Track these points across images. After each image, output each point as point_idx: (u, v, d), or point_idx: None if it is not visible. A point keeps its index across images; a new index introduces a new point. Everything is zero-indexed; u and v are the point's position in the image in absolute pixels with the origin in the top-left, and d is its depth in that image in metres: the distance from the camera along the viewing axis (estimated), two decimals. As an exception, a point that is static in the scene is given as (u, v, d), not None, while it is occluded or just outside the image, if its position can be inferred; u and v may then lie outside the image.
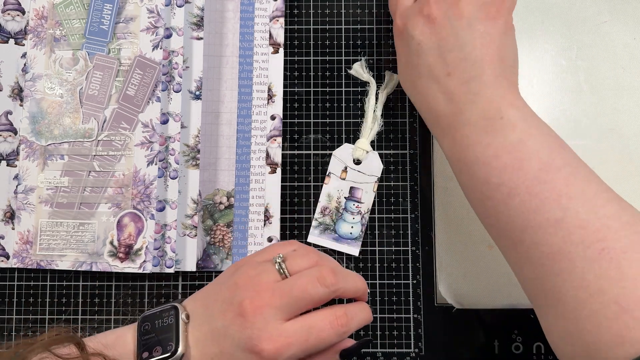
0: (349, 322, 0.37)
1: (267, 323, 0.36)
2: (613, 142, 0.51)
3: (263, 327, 0.36)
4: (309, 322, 0.37)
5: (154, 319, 0.40)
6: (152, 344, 0.38)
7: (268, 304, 0.37)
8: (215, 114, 0.51)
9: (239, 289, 0.38)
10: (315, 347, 0.37)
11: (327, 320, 0.37)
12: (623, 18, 0.52)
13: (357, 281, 0.40)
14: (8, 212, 0.49)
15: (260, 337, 0.36)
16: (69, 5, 0.49)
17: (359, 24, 0.52)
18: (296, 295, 0.37)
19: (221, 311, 0.38)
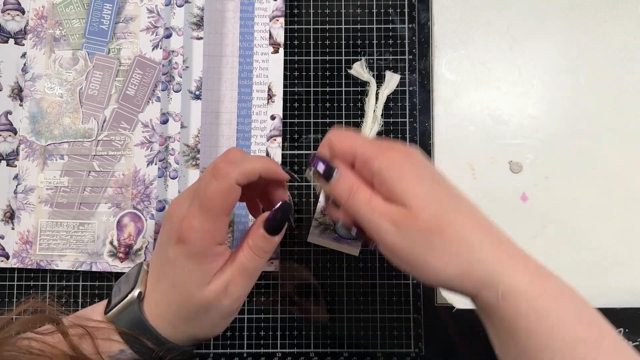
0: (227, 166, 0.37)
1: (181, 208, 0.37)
2: (613, 142, 0.51)
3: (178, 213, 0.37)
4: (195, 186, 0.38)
5: (123, 278, 0.42)
6: (115, 296, 0.40)
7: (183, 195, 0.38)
8: (215, 114, 0.51)
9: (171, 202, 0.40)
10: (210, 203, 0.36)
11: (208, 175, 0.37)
12: (623, 18, 0.52)
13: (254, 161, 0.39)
14: (8, 212, 0.49)
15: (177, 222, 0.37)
16: (69, 5, 0.49)
17: (359, 24, 0.52)
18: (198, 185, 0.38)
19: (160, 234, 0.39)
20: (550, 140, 0.51)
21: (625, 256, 0.50)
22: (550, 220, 0.50)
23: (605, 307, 0.49)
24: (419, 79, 0.52)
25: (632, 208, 0.51)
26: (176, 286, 0.38)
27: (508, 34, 0.52)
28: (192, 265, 0.37)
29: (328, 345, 0.50)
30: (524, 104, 0.51)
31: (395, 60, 0.52)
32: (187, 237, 0.36)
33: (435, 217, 0.34)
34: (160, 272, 0.39)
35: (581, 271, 0.50)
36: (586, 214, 0.50)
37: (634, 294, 0.50)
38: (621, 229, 0.50)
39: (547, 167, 0.51)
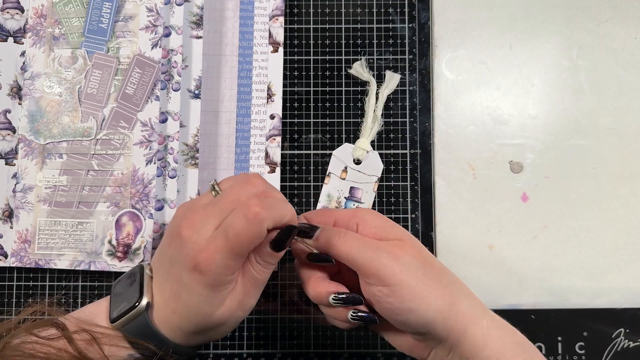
0: (262, 211, 0.37)
1: (199, 236, 0.37)
2: (613, 142, 0.51)
3: (196, 241, 0.37)
4: (226, 222, 0.37)
5: (123, 281, 0.41)
6: (120, 301, 0.39)
7: (200, 219, 0.38)
8: (215, 113, 0.51)
9: (177, 217, 0.39)
10: (238, 244, 0.36)
11: (240, 214, 0.37)
12: (624, 18, 0.52)
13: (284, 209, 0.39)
14: (6, 211, 0.49)
15: (195, 249, 0.36)
16: (68, 3, 0.49)
17: (359, 24, 0.52)
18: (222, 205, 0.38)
19: (168, 245, 0.39)
20: (551, 140, 0.51)
21: (625, 256, 0.50)
22: (551, 220, 0.50)
23: (605, 307, 0.49)
24: (419, 78, 0.52)
25: (632, 208, 0.50)
26: (191, 309, 0.38)
27: (508, 34, 0.52)
28: (209, 292, 0.37)
29: (328, 346, 0.50)
30: (524, 103, 0.51)
31: (396, 60, 0.52)
32: (207, 269, 0.36)
33: (424, 251, 0.38)
34: (172, 291, 0.39)
35: (581, 271, 0.50)
36: (586, 214, 0.50)
37: (634, 294, 0.50)
38: (621, 229, 0.50)
39: (548, 167, 0.51)
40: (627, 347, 0.49)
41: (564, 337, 0.49)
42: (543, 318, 0.49)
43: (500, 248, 0.50)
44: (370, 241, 0.38)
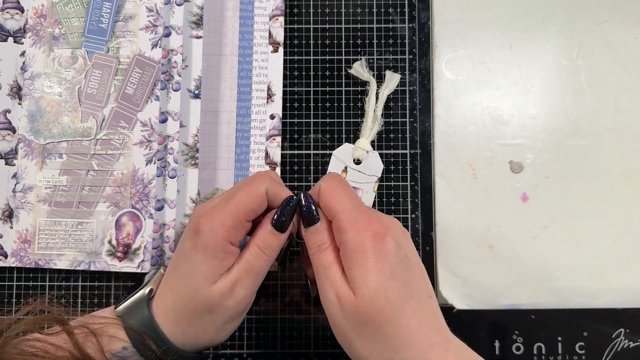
0: (263, 175, 0.39)
1: (205, 206, 0.39)
2: (613, 142, 0.51)
3: (201, 209, 0.39)
4: (227, 192, 0.39)
5: None
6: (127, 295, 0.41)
7: (211, 200, 0.40)
8: (215, 113, 0.51)
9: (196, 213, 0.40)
10: (237, 203, 0.37)
11: (245, 180, 0.39)
12: (624, 18, 0.52)
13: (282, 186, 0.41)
14: (6, 211, 0.49)
15: (198, 215, 0.38)
16: (68, 3, 0.49)
17: (359, 24, 0.52)
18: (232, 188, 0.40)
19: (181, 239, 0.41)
20: (551, 140, 0.51)
21: (625, 256, 0.50)
22: (551, 220, 0.50)
23: (605, 307, 0.49)
24: (419, 78, 0.52)
25: (632, 208, 0.50)
26: (184, 280, 0.38)
27: (508, 34, 0.52)
28: (202, 258, 0.37)
29: (328, 346, 0.50)
30: (524, 103, 0.51)
31: (396, 60, 0.52)
32: (204, 228, 0.37)
33: (375, 312, 0.35)
34: (173, 266, 0.40)
35: (581, 271, 0.50)
36: (586, 214, 0.50)
37: (634, 294, 0.50)
38: (621, 228, 0.50)
39: (548, 167, 0.51)
40: (627, 347, 0.49)
41: (564, 337, 0.49)
42: (543, 318, 0.49)
43: (500, 248, 0.50)
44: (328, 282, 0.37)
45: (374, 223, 0.36)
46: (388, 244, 0.36)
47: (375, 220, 0.36)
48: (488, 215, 0.50)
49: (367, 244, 0.36)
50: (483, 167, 0.51)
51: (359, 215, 0.37)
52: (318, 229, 0.38)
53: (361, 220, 0.36)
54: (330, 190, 0.38)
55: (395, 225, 0.38)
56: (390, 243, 0.36)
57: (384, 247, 0.36)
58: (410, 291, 0.36)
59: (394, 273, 0.35)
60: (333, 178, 0.39)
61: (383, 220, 0.37)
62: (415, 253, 0.38)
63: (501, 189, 0.51)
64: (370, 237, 0.36)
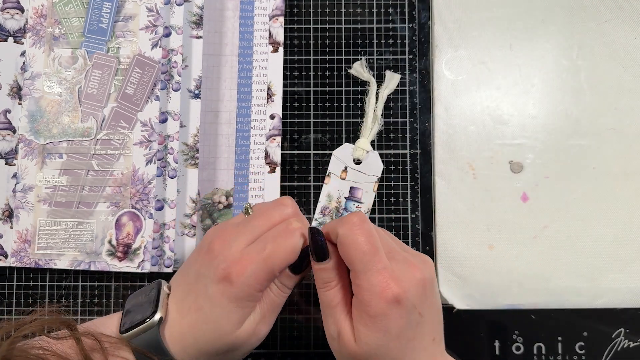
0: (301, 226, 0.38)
1: (231, 250, 0.38)
2: (613, 142, 0.51)
3: (228, 254, 0.37)
4: (264, 237, 0.38)
5: (138, 296, 0.41)
6: (133, 314, 0.39)
7: (231, 235, 0.39)
8: (215, 113, 0.51)
9: (209, 236, 0.40)
10: (273, 257, 0.37)
11: (282, 231, 0.38)
12: (624, 18, 0.52)
13: None
14: (6, 211, 0.49)
15: (227, 261, 0.37)
16: (68, 3, 0.49)
17: (359, 24, 0.52)
18: (254, 223, 0.39)
19: (195, 261, 0.40)
20: (551, 140, 0.51)
21: (625, 256, 0.50)
22: (551, 220, 0.50)
23: (605, 307, 0.49)
24: (419, 78, 0.52)
25: (632, 208, 0.50)
26: (209, 323, 0.38)
27: (508, 34, 0.52)
28: (233, 307, 0.37)
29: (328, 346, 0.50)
30: (524, 103, 0.51)
31: (395, 60, 0.52)
32: (237, 280, 0.36)
33: None
34: (193, 303, 0.39)
35: (581, 271, 0.50)
36: (586, 214, 0.50)
37: (634, 294, 0.50)
38: (621, 229, 0.50)
39: (548, 167, 0.51)
40: (627, 347, 0.49)
41: (564, 337, 0.49)
42: (543, 318, 0.49)
43: (500, 248, 0.50)
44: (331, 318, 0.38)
45: (391, 287, 0.35)
46: (402, 310, 0.35)
47: (392, 284, 0.35)
48: (488, 215, 0.50)
49: (380, 310, 0.35)
50: (483, 167, 0.51)
51: (376, 277, 0.35)
52: (326, 267, 0.38)
53: (378, 284, 0.35)
54: (348, 243, 0.36)
55: (415, 282, 0.36)
56: (404, 309, 0.35)
57: (397, 313, 0.35)
58: (412, 346, 0.36)
59: (400, 335, 0.35)
60: (354, 226, 0.36)
61: (402, 281, 0.35)
62: (432, 305, 0.37)
63: (501, 189, 0.51)
64: (384, 303, 0.35)
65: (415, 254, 0.39)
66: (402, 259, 0.37)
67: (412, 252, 0.39)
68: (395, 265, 0.36)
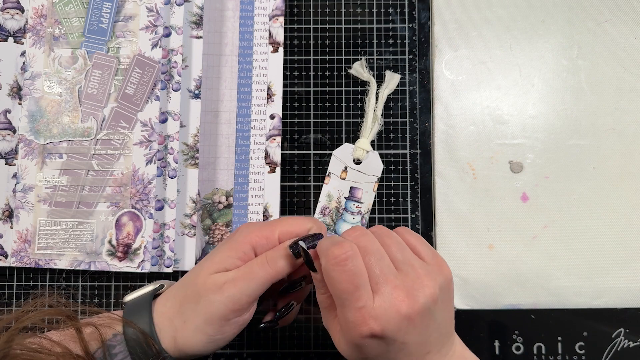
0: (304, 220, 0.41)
1: None
2: (613, 142, 0.51)
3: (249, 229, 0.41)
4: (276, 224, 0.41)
5: None
6: None
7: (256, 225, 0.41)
8: (215, 113, 0.51)
9: None
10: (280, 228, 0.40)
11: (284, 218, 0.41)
12: (624, 18, 0.52)
13: None
14: (7, 211, 0.49)
15: None
16: (68, 3, 0.49)
17: (359, 24, 0.52)
18: None
19: None
20: (551, 140, 0.51)
21: (625, 256, 0.50)
22: (551, 220, 0.50)
23: (605, 307, 0.49)
24: (419, 78, 0.52)
25: (632, 208, 0.50)
26: (196, 267, 0.40)
27: (508, 34, 0.52)
28: (220, 246, 0.40)
29: (328, 346, 0.50)
30: (524, 103, 0.51)
31: (396, 60, 0.52)
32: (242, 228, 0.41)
33: None
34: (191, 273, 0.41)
35: (581, 271, 0.50)
36: (586, 214, 0.50)
37: (634, 294, 0.50)
38: (621, 228, 0.50)
39: (548, 167, 0.51)
40: (627, 347, 0.49)
41: (564, 337, 0.49)
42: (543, 318, 0.49)
43: (500, 248, 0.50)
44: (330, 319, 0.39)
45: (368, 324, 0.35)
46: (378, 343, 0.35)
47: (371, 322, 0.35)
48: (488, 215, 0.50)
49: (356, 341, 0.35)
50: (483, 167, 0.51)
51: (353, 314, 0.35)
52: (316, 277, 0.38)
53: (354, 322, 0.35)
54: (327, 276, 0.36)
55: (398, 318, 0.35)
56: (381, 342, 0.35)
57: (373, 344, 0.35)
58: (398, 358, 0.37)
59: (379, 356, 0.36)
60: (334, 263, 0.35)
61: (383, 317, 0.35)
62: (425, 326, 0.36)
63: (501, 189, 0.51)
64: (359, 338, 0.35)
65: (426, 265, 0.38)
66: (390, 290, 0.35)
67: (422, 263, 0.38)
68: (377, 301, 0.35)
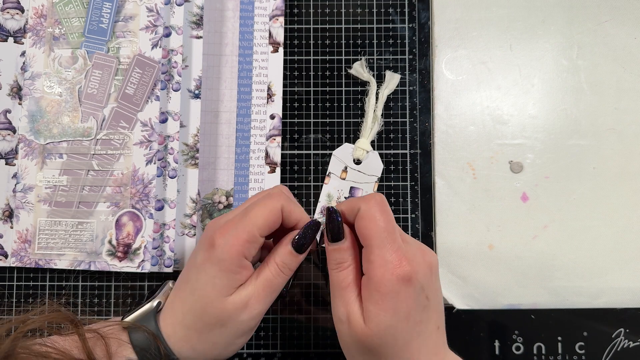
0: (280, 193, 0.39)
1: (220, 222, 0.39)
2: (613, 142, 0.51)
3: (216, 225, 0.39)
4: (247, 205, 0.39)
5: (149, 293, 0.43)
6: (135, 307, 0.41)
7: (225, 215, 0.40)
8: (215, 113, 0.51)
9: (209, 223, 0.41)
10: (253, 219, 0.38)
11: (262, 196, 0.39)
12: (623, 18, 0.52)
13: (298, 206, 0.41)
14: (7, 211, 0.49)
15: (213, 229, 0.38)
16: (69, 3, 0.49)
17: (359, 24, 0.52)
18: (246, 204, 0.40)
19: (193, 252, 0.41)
20: (551, 140, 0.51)
21: (625, 256, 0.50)
22: (551, 220, 0.50)
23: (605, 307, 0.49)
24: (419, 78, 0.52)
25: (632, 208, 0.50)
26: (196, 292, 0.38)
27: (508, 34, 0.52)
28: (216, 272, 0.37)
29: (328, 346, 0.50)
30: (524, 103, 0.51)
31: (396, 60, 0.52)
32: (218, 241, 0.37)
33: (380, 346, 0.36)
34: (184, 278, 0.40)
35: (581, 271, 0.50)
36: (586, 214, 0.50)
37: (634, 293, 0.50)
38: (621, 228, 0.50)
39: (548, 167, 0.51)
40: (627, 347, 0.49)
41: (564, 337, 0.49)
42: (543, 318, 0.49)
43: (500, 248, 0.50)
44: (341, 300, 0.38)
45: (403, 265, 0.36)
46: (411, 290, 0.36)
47: (405, 263, 0.36)
48: (488, 215, 0.50)
49: (391, 287, 0.36)
50: (483, 167, 0.51)
51: (391, 254, 0.36)
52: (341, 247, 0.38)
53: (392, 261, 0.36)
54: (369, 218, 0.37)
55: (424, 265, 0.37)
56: (413, 288, 0.36)
57: (406, 292, 0.36)
58: (419, 330, 0.37)
59: (409, 316, 0.36)
60: (375, 204, 0.38)
61: (414, 260, 0.36)
62: (437, 291, 0.38)
63: (501, 189, 0.51)
64: (395, 280, 0.35)
65: (419, 243, 0.40)
66: (413, 242, 0.39)
67: (416, 241, 0.40)
68: (406, 247, 0.37)
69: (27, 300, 0.50)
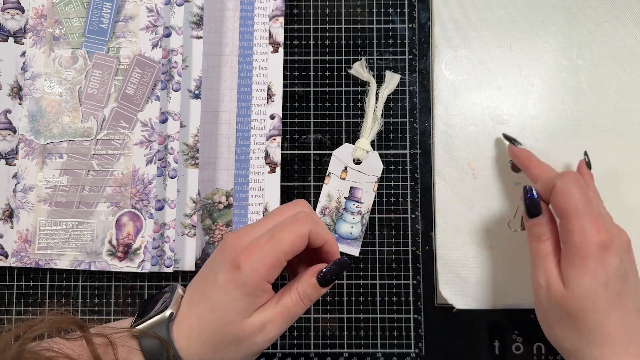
0: (308, 217, 0.39)
1: (243, 240, 0.39)
2: (613, 142, 0.51)
3: (239, 244, 0.38)
4: (273, 227, 0.39)
5: (153, 298, 0.42)
6: (146, 313, 0.40)
7: (245, 230, 0.40)
8: (215, 113, 0.51)
9: (226, 235, 0.41)
10: (280, 243, 0.37)
11: (289, 220, 0.39)
12: (623, 18, 0.52)
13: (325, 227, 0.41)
14: (7, 211, 0.49)
15: (237, 249, 0.38)
16: (69, 4, 0.49)
17: (359, 24, 0.52)
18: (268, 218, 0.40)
19: (210, 260, 0.40)
20: (551, 140, 0.51)
21: (625, 256, 0.50)
22: (551, 220, 0.50)
23: (605, 308, 0.49)
24: (419, 78, 0.52)
25: (632, 208, 0.50)
26: (216, 312, 0.38)
27: (508, 34, 0.52)
28: (238, 294, 0.37)
29: (328, 346, 0.50)
30: (524, 103, 0.51)
31: (395, 60, 0.52)
32: (244, 265, 0.37)
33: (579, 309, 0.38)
34: (202, 294, 0.39)
35: (581, 271, 0.50)
36: (586, 214, 0.50)
37: (635, 294, 0.50)
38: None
39: (547, 167, 0.51)
40: (627, 347, 0.49)
41: (564, 337, 0.49)
42: (543, 318, 0.49)
43: (500, 248, 0.50)
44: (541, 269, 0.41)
45: (601, 233, 0.38)
46: (610, 258, 0.38)
47: (603, 231, 0.38)
48: (488, 215, 0.50)
49: (590, 251, 0.38)
50: (483, 167, 0.51)
51: (589, 223, 0.38)
52: (540, 222, 0.41)
53: (590, 229, 0.38)
54: (565, 193, 0.40)
55: (622, 240, 0.40)
56: (612, 257, 0.38)
57: (606, 258, 0.38)
58: (620, 302, 0.38)
59: (609, 283, 0.38)
60: (570, 179, 0.40)
61: (612, 232, 0.39)
62: (635, 271, 0.40)
63: (501, 189, 0.51)
64: (595, 246, 0.38)
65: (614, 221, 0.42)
66: (609, 218, 0.42)
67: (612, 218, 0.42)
68: (603, 219, 0.40)
69: (27, 300, 0.50)
